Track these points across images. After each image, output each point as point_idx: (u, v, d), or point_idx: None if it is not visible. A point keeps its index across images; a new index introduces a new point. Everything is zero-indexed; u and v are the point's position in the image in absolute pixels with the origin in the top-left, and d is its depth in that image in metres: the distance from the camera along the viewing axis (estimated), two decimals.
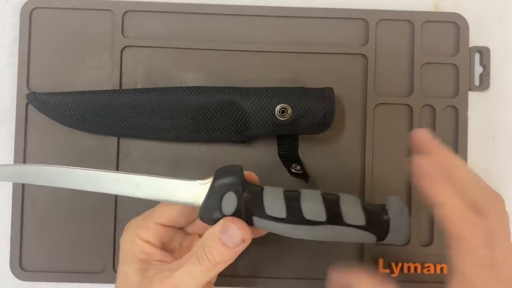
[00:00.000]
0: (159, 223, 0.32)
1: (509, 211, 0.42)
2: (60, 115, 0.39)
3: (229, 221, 0.29)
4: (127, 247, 0.32)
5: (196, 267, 0.29)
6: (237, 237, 0.29)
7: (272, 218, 0.30)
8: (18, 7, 0.41)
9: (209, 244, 0.29)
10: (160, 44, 0.41)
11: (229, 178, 0.30)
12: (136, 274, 0.30)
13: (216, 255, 0.29)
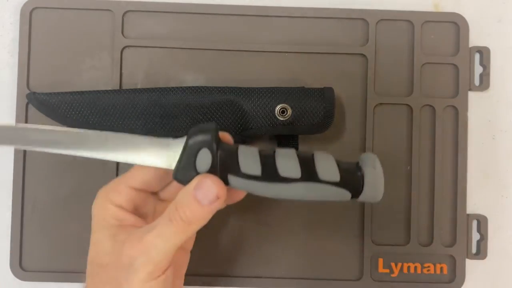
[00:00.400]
0: (132, 186, 0.31)
1: (508, 212, 0.42)
2: (60, 115, 0.39)
3: (204, 177, 0.28)
4: (98, 213, 0.30)
5: (168, 228, 0.28)
6: (212, 193, 0.28)
7: (247, 176, 0.29)
8: (18, 7, 0.41)
9: (182, 202, 0.28)
10: (160, 44, 0.41)
11: (203, 135, 0.29)
12: (108, 240, 0.29)
13: (190, 214, 0.28)
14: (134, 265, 0.27)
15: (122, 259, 0.28)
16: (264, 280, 0.41)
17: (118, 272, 0.28)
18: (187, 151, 0.29)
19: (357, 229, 0.41)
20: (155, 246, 0.27)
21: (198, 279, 0.41)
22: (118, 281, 0.28)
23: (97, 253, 0.29)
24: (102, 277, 0.29)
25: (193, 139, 0.29)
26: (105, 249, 0.29)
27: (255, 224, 0.41)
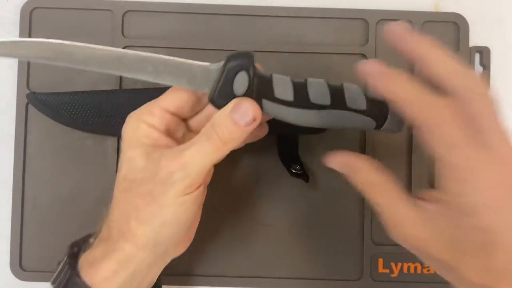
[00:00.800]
0: (165, 109, 0.31)
1: None
2: (60, 115, 0.39)
3: (241, 99, 0.29)
4: (130, 133, 0.31)
5: (206, 145, 0.29)
6: (249, 115, 0.29)
7: (280, 101, 0.30)
8: (18, 7, 0.41)
9: (219, 122, 0.29)
10: (160, 44, 0.41)
11: (241, 59, 0.30)
12: (141, 158, 0.30)
13: (227, 133, 0.29)
14: (171, 178, 0.28)
15: (159, 173, 0.29)
16: (264, 280, 0.41)
17: (153, 186, 0.29)
18: (226, 74, 0.30)
19: (357, 229, 0.41)
20: (193, 162, 0.29)
21: (198, 279, 0.41)
22: (152, 194, 0.29)
23: (131, 169, 0.30)
24: (134, 192, 0.29)
25: (232, 63, 0.30)
26: (139, 166, 0.30)
27: (255, 224, 0.41)
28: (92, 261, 0.30)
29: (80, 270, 0.30)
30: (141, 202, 0.29)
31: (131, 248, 0.29)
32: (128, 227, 0.29)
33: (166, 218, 0.29)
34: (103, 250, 0.30)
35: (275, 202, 0.41)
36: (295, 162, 0.39)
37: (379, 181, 0.29)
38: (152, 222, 0.29)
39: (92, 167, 0.41)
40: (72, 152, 0.41)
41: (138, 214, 0.29)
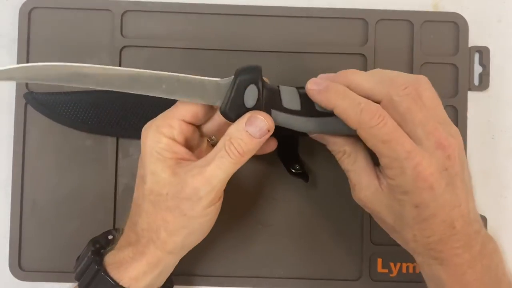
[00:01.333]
0: (183, 119, 0.32)
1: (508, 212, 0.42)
2: (59, 115, 0.39)
3: (255, 113, 0.31)
4: (151, 147, 0.32)
5: (226, 160, 0.31)
6: (264, 127, 0.31)
7: (288, 111, 0.33)
8: (17, 7, 0.41)
9: (236, 136, 0.31)
10: (159, 44, 0.41)
11: (251, 74, 0.32)
12: (164, 172, 0.31)
13: (244, 146, 0.31)
14: (198, 194, 0.31)
15: (185, 190, 0.31)
16: (264, 280, 0.41)
17: (180, 201, 0.31)
18: (236, 87, 0.31)
19: (356, 229, 0.41)
20: (216, 176, 0.31)
21: (198, 279, 0.41)
22: (180, 209, 0.31)
23: (155, 183, 0.32)
24: (162, 206, 0.32)
25: (242, 77, 0.31)
26: (163, 180, 0.31)
27: (255, 224, 0.41)
28: (121, 261, 0.32)
29: (107, 268, 0.32)
30: (170, 215, 0.31)
31: (160, 253, 0.32)
32: (158, 235, 0.32)
33: (193, 228, 0.32)
34: (132, 252, 0.32)
35: (275, 202, 0.41)
36: (295, 162, 0.39)
37: (353, 151, 0.33)
38: (180, 233, 0.32)
39: (92, 167, 0.41)
40: (72, 152, 0.41)
41: (167, 225, 0.32)
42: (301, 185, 0.40)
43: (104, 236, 0.37)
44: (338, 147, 0.33)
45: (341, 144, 0.33)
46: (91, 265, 0.33)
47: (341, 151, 0.33)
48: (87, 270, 0.33)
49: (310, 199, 0.41)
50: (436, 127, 0.30)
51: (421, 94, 0.30)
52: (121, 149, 0.41)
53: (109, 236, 0.37)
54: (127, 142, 0.41)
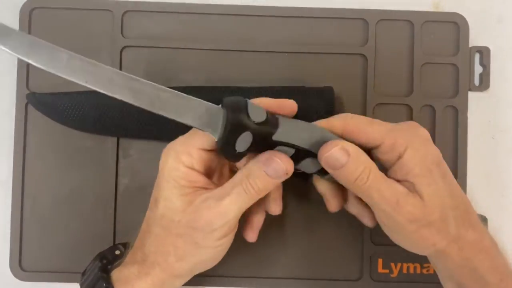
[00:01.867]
0: (201, 148, 0.32)
1: (508, 212, 0.42)
2: (60, 115, 0.39)
3: (272, 155, 0.31)
4: (169, 173, 0.32)
5: (242, 196, 0.31)
6: (281, 170, 0.30)
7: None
8: (17, 7, 0.41)
9: (254, 175, 0.31)
10: (160, 44, 0.41)
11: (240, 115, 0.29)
12: (179, 200, 0.31)
13: (261, 185, 0.31)
14: (211, 227, 0.31)
15: (199, 221, 0.31)
16: (264, 280, 0.41)
17: (193, 231, 0.31)
18: (228, 133, 0.29)
19: (357, 229, 0.41)
20: (231, 210, 0.31)
21: (198, 279, 0.40)
22: (192, 238, 0.31)
23: (168, 209, 0.32)
24: (173, 232, 0.32)
25: (233, 124, 0.29)
26: (175, 207, 0.31)
27: None
28: (126, 279, 0.32)
29: (114, 285, 0.32)
30: (180, 241, 0.32)
31: (165, 276, 0.32)
32: (166, 259, 0.32)
33: (204, 257, 0.33)
34: (137, 270, 0.32)
35: None
36: None
37: (375, 165, 0.31)
38: (190, 260, 0.32)
39: (92, 167, 0.41)
40: (72, 153, 0.41)
41: (177, 251, 0.32)
42: (302, 185, 0.40)
43: (111, 250, 0.37)
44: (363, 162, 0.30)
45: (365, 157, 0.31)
46: (98, 282, 0.32)
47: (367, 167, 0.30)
48: (95, 287, 0.32)
49: (310, 199, 0.41)
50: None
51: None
52: (121, 149, 0.41)
53: (116, 252, 0.37)
54: (128, 142, 0.41)
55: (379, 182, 0.30)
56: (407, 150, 0.30)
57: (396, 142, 0.31)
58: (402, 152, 0.30)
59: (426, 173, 0.30)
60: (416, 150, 0.30)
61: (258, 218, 0.36)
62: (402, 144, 0.30)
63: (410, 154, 0.30)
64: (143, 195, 0.35)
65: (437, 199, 0.30)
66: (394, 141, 0.31)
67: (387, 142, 0.31)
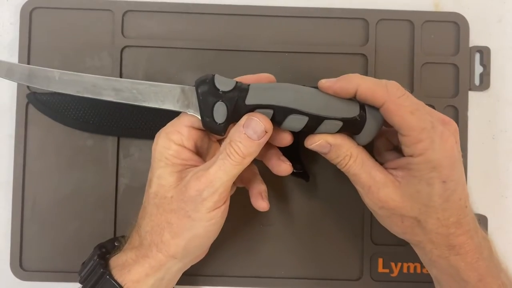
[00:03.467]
0: (190, 125, 0.33)
1: (508, 212, 0.42)
2: (60, 115, 0.39)
3: (250, 115, 0.31)
4: (160, 153, 0.32)
5: (227, 162, 0.31)
6: (260, 129, 0.31)
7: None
8: (18, 7, 0.41)
9: (235, 139, 0.31)
10: (160, 44, 0.41)
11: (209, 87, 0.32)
12: (171, 176, 0.32)
13: (243, 148, 0.31)
14: (202, 196, 0.31)
15: (189, 192, 0.31)
16: (264, 280, 0.41)
17: (184, 204, 0.31)
18: (203, 106, 0.32)
19: (357, 229, 0.41)
20: (218, 177, 0.31)
21: (198, 279, 0.41)
22: (185, 211, 0.31)
23: (161, 186, 0.32)
24: (166, 208, 0.32)
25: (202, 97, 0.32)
26: (168, 184, 0.32)
27: (255, 224, 0.41)
28: (124, 264, 0.32)
29: (111, 271, 0.32)
30: (174, 217, 0.32)
31: (163, 257, 0.32)
32: (161, 238, 0.32)
33: (197, 231, 0.32)
34: (135, 255, 0.33)
35: (276, 202, 0.41)
36: (296, 162, 0.39)
37: (358, 153, 0.32)
38: (184, 235, 0.32)
39: (92, 167, 0.41)
40: (72, 152, 0.41)
41: (171, 228, 0.32)
42: (302, 185, 0.40)
43: (111, 241, 0.37)
44: (345, 151, 0.32)
45: (347, 147, 0.32)
46: (96, 268, 0.33)
47: (348, 155, 0.32)
48: (92, 273, 0.33)
49: (311, 199, 0.41)
50: (432, 110, 0.32)
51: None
52: (122, 149, 0.41)
53: (116, 243, 0.37)
54: (128, 142, 0.41)
55: (358, 167, 0.32)
56: (422, 156, 0.30)
57: (418, 144, 0.30)
58: (416, 155, 0.30)
59: (423, 182, 0.31)
60: (429, 162, 0.30)
61: (259, 187, 0.36)
62: (422, 149, 0.30)
63: (421, 161, 0.30)
64: (143, 195, 0.35)
65: (420, 203, 0.31)
66: (418, 141, 0.30)
67: (412, 140, 0.30)
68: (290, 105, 0.31)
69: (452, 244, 0.31)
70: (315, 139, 0.32)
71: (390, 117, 0.31)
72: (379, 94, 0.31)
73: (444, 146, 0.30)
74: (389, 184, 0.32)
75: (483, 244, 0.32)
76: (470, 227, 0.32)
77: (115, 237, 0.38)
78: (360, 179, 0.32)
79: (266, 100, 0.31)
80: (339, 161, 0.33)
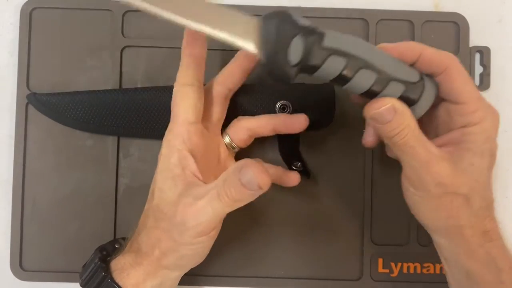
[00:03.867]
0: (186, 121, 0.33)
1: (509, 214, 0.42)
2: (60, 115, 0.39)
3: (247, 166, 0.29)
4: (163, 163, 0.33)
5: (217, 201, 0.30)
6: (253, 182, 0.29)
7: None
8: (18, 7, 0.41)
9: (229, 182, 0.29)
10: (160, 44, 0.41)
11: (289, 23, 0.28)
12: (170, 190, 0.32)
13: (235, 194, 0.29)
14: (185, 225, 0.31)
15: (176, 218, 0.31)
16: (264, 280, 0.41)
17: (172, 226, 0.31)
18: (278, 41, 0.28)
19: (357, 229, 0.41)
20: (205, 212, 0.30)
21: (198, 279, 0.41)
22: (171, 233, 0.32)
23: (162, 200, 0.32)
24: (160, 224, 0.32)
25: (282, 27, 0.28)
26: (167, 199, 0.32)
27: (255, 224, 0.41)
28: (122, 267, 0.33)
29: (112, 274, 0.32)
30: (163, 236, 0.32)
31: (156, 266, 0.33)
32: (153, 252, 0.32)
33: (184, 253, 0.32)
34: (132, 259, 0.33)
35: (275, 201, 0.41)
36: (296, 159, 0.39)
37: (415, 125, 0.31)
38: (172, 255, 0.32)
39: (92, 167, 0.41)
40: (72, 152, 0.41)
41: (160, 245, 0.32)
42: (302, 183, 0.40)
43: (111, 244, 0.37)
44: (407, 120, 0.30)
45: (409, 115, 0.30)
46: (97, 271, 0.33)
47: (408, 125, 0.30)
48: (94, 276, 0.33)
49: (311, 197, 0.41)
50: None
51: None
52: (122, 149, 0.41)
53: (116, 245, 0.37)
54: (128, 141, 0.41)
55: (416, 140, 0.30)
56: (479, 125, 0.31)
57: (476, 113, 0.31)
58: (473, 124, 0.31)
59: (477, 154, 0.31)
60: (485, 131, 0.31)
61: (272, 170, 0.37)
62: (479, 117, 0.31)
63: (478, 130, 0.31)
64: (143, 195, 0.35)
65: (472, 178, 0.31)
66: (476, 110, 0.31)
67: (470, 108, 0.31)
68: (366, 57, 0.29)
69: (487, 229, 0.32)
70: (385, 101, 0.30)
71: (451, 82, 0.30)
72: (444, 57, 0.30)
73: (494, 118, 0.31)
74: (445, 158, 0.31)
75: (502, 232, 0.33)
76: (493, 211, 0.32)
77: (116, 239, 0.38)
78: (417, 153, 0.30)
79: (344, 47, 0.29)
80: (398, 132, 0.30)
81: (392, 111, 0.30)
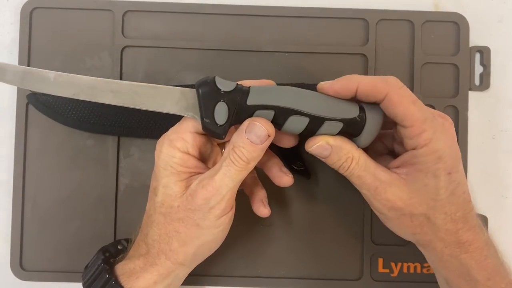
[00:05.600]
0: (195, 131, 0.32)
1: (508, 212, 0.42)
2: (61, 115, 0.39)
3: (253, 120, 0.31)
4: (165, 161, 0.32)
5: (232, 168, 0.31)
6: (263, 133, 0.31)
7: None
8: (18, 7, 0.41)
9: (238, 145, 0.31)
10: (160, 44, 0.41)
11: (211, 88, 0.31)
12: (176, 185, 0.32)
13: (247, 153, 0.31)
14: (209, 204, 0.31)
15: (196, 201, 0.31)
16: (264, 280, 0.41)
17: (192, 213, 0.32)
18: (204, 108, 0.31)
19: (357, 229, 0.41)
20: (225, 184, 0.31)
21: (198, 279, 0.41)
22: (193, 219, 0.32)
23: (167, 196, 0.32)
24: (174, 217, 0.32)
25: (203, 97, 0.31)
26: (174, 193, 0.32)
27: (255, 224, 0.41)
28: (131, 271, 0.33)
29: (118, 277, 0.32)
30: (182, 226, 0.32)
31: (171, 264, 0.33)
32: (170, 247, 0.32)
33: (206, 239, 0.33)
34: (143, 263, 0.33)
35: (276, 202, 0.41)
36: (297, 159, 0.39)
37: (359, 155, 0.32)
38: (193, 243, 0.32)
39: (92, 167, 0.41)
40: (72, 152, 0.41)
41: (179, 236, 0.32)
42: (302, 183, 0.40)
43: (114, 245, 0.37)
44: (346, 153, 0.32)
45: (348, 148, 0.32)
46: (101, 274, 0.33)
47: (349, 157, 0.32)
48: (98, 278, 0.33)
49: (311, 198, 0.41)
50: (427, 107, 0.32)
51: None
52: (122, 148, 0.41)
53: (119, 246, 0.37)
54: (129, 141, 0.41)
55: (362, 169, 0.32)
56: (426, 146, 0.30)
57: (422, 135, 0.30)
58: (421, 146, 0.30)
59: (429, 174, 0.31)
60: (434, 152, 0.30)
61: (260, 193, 0.36)
62: (426, 139, 0.30)
63: (427, 152, 0.30)
64: (144, 195, 0.35)
65: (428, 197, 0.31)
66: (421, 132, 0.30)
67: (416, 131, 0.30)
68: (292, 106, 0.31)
69: (462, 240, 0.31)
70: (316, 141, 0.32)
71: (393, 108, 0.30)
72: (380, 86, 0.30)
73: (447, 136, 0.31)
74: (395, 182, 0.31)
75: (488, 242, 0.32)
76: (475, 223, 0.32)
77: (118, 240, 0.38)
78: (365, 181, 0.32)
79: (268, 101, 0.31)
80: (340, 164, 0.32)
81: (327, 148, 0.32)
